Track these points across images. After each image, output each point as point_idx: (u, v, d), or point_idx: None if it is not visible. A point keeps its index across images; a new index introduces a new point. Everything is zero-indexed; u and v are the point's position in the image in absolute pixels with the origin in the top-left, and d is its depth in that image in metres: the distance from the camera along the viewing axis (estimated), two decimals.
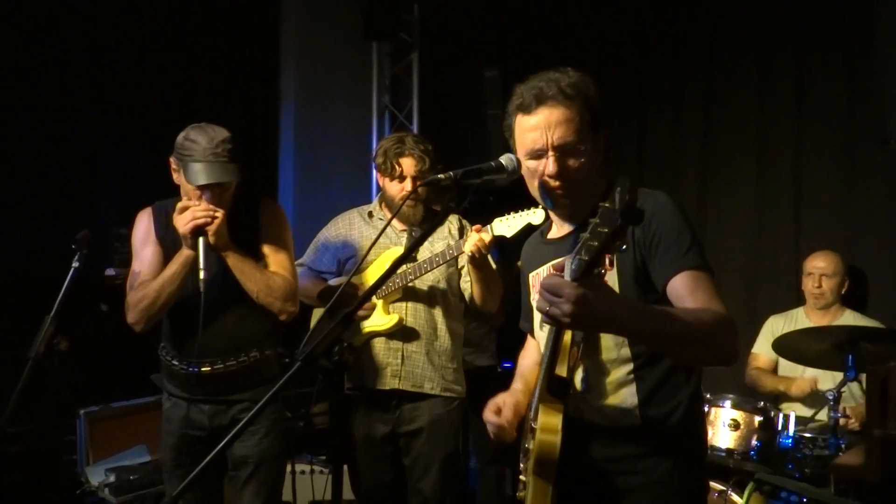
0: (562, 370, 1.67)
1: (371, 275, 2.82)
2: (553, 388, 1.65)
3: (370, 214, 2.95)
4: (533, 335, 2.02)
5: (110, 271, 3.29)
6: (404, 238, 2.87)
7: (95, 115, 3.81)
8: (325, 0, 4.96)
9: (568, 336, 1.65)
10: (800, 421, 3.07)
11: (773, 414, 2.92)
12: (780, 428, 2.93)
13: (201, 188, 2.35)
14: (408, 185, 2.79)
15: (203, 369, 2.47)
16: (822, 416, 3.11)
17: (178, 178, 2.43)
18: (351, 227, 2.96)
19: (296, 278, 2.58)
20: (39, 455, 2.82)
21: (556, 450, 1.59)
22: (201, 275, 2.28)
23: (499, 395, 1.86)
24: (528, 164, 1.71)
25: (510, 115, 1.75)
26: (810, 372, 3.42)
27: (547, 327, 1.70)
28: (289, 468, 3.38)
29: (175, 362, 2.51)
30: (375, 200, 3.00)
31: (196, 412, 2.51)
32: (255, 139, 4.54)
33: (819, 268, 3.57)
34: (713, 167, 4.32)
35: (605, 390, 1.69)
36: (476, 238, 2.56)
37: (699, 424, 1.80)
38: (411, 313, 2.80)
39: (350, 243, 2.92)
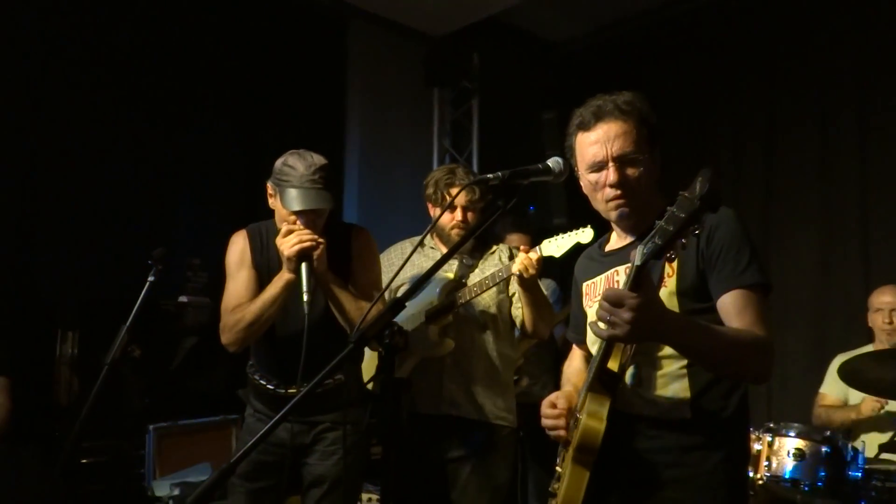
0: (614, 365, 1.72)
1: (423, 302, 2.89)
2: (603, 379, 1.70)
3: (422, 244, 3.04)
4: (580, 346, 2.07)
5: (183, 299, 3.48)
6: (455, 265, 2.95)
7: (174, 151, 4.08)
8: (389, 49, 5.21)
9: None
10: (869, 461, 2.95)
11: (840, 444, 2.81)
12: (848, 459, 2.81)
13: (296, 214, 2.40)
14: (458, 214, 2.88)
15: (291, 391, 2.49)
16: None
17: (273, 202, 2.50)
18: (403, 255, 3.04)
19: (384, 305, 2.61)
20: (110, 467, 2.97)
21: (599, 436, 1.65)
22: (305, 297, 2.31)
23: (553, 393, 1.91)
24: (589, 178, 1.82)
25: (571, 136, 1.87)
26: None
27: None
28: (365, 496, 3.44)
29: (263, 382, 2.55)
30: (426, 231, 3.09)
31: (280, 430, 2.47)
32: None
33: (887, 302, 3.47)
34: (776, 198, 4.27)
35: (658, 383, 1.75)
36: (524, 258, 2.61)
37: (746, 424, 1.83)
38: (462, 338, 2.83)
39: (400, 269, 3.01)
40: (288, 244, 2.35)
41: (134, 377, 2.30)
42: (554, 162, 1.80)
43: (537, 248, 2.65)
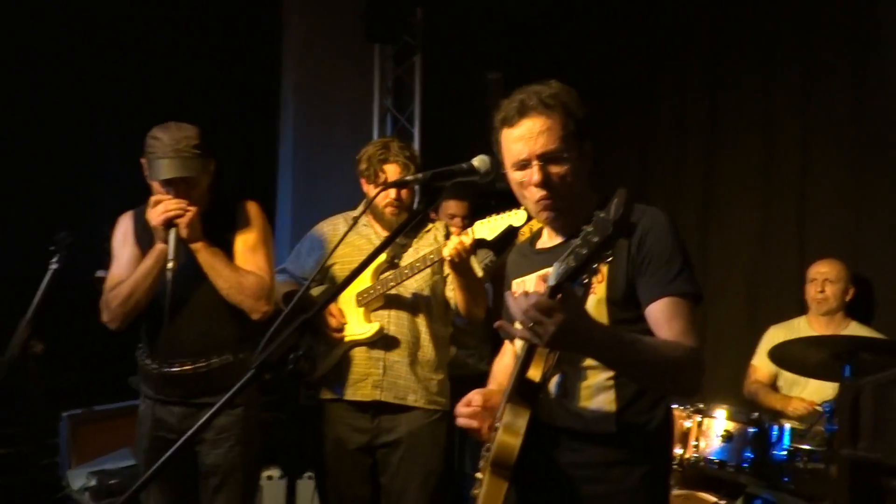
0: (535, 374, 1.68)
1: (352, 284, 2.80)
2: (523, 391, 1.66)
3: (355, 220, 2.95)
4: (511, 342, 2.02)
5: (101, 273, 3.32)
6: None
7: (91, 118, 3.86)
8: (327, 2, 4.97)
9: None
10: (797, 432, 3.02)
11: (767, 426, 2.87)
12: (773, 440, 2.88)
13: (165, 184, 2.41)
14: (392, 192, 2.78)
15: (173, 369, 2.49)
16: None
17: (148, 177, 2.48)
18: (335, 232, 2.95)
19: (271, 277, 2.60)
20: (18, 458, 2.85)
21: (514, 452, 1.61)
22: (169, 264, 2.34)
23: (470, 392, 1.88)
24: (514, 176, 1.76)
25: (496, 131, 1.78)
26: (812, 384, 3.36)
27: None
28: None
29: (148, 361, 2.54)
30: (360, 206, 2.99)
31: (166, 414, 2.53)
32: (254, 143, 4.57)
33: (822, 273, 3.52)
34: (717, 175, 4.27)
35: (582, 395, 1.72)
36: (456, 241, 2.54)
37: (670, 436, 1.82)
38: (394, 322, 2.78)
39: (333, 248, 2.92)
40: (155, 213, 2.39)
41: (38, 374, 2.19)
42: (480, 161, 1.72)
43: (469, 230, 2.57)
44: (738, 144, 4.19)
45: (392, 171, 2.77)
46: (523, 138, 1.70)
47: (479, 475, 1.78)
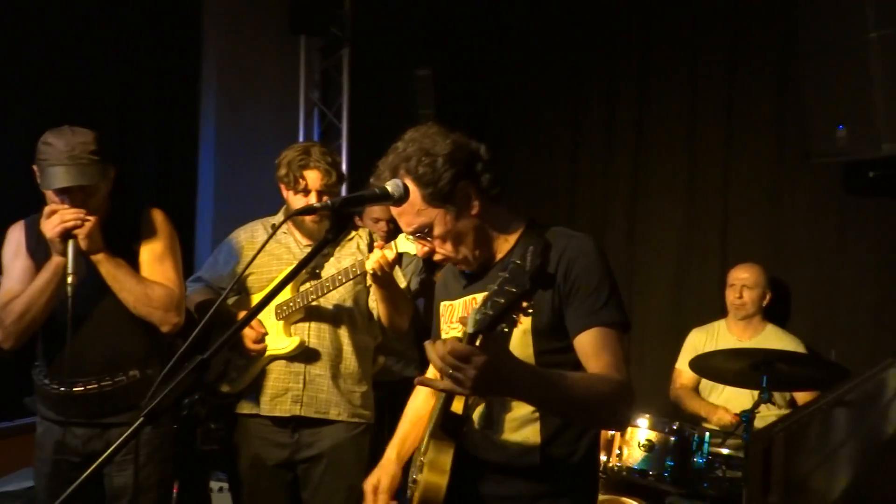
0: (458, 406, 1.65)
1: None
2: (447, 425, 1.63)
3: (275, 229, 2.84)
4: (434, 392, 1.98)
5: None
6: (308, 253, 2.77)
7: None
8: None
9: None
10: (715, 435, 3.09)
11: (687, 435, 2.92)
12: (694, 448, 2.93)
13: (60, 193, 2.26)
14: (312, 199, 2.69)
15: (76, 389, 2.35)
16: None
17: (41, 186, 2.32)
18: (253, 239, 2.84)
19: (180, 288, 2.49)
20: None
21: (441, 492, 1.59)
22: (69, 279, 2.19)
23: (373, 472, 1.87)
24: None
25: None
26: (730, 389, 3.43)
27: None
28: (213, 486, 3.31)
29: (47, 381, 2.39)
30: (280, 213, 2.89)
31: (69, 437, 2.39)
32: (173, 138, 4.36)
33: (741, 279, 3.60)
34: (643, 180, 4.34)
35: (507, 427, 1.70)
36: (378, 255, 2.46)
37: (595, 468, 1.82)
38: (315, 334, 2.70)
39: (251, 257, 2.81)
40: (50, 225, 2.23)
41: None
42: (393, 185, 1.67)
43: (393, 244, 2.50)
44: (663, 150, 4.26)
45: (313, 178, 2.68)
46: (395, 213, 1.72)
47: None
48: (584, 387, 1.54)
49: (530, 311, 1.35)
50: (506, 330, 1.38)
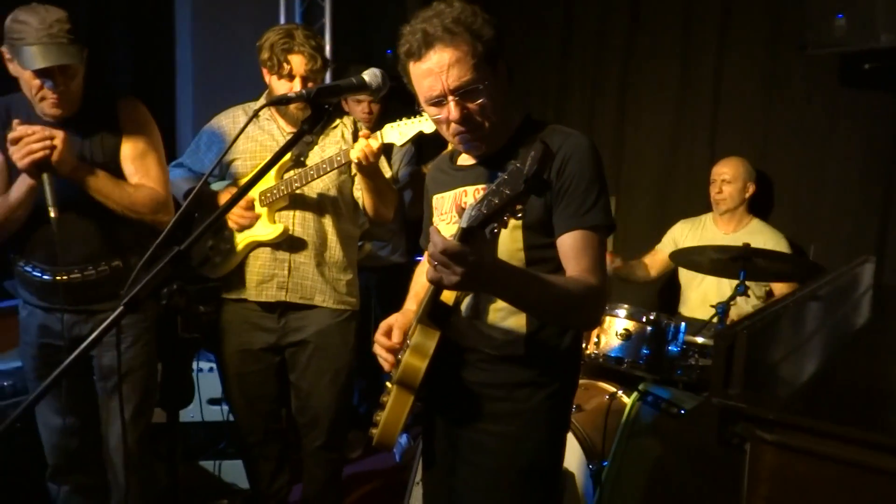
0: (449, 297, 1.70)
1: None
2: (435, 313, 1.68)
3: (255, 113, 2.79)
4: None
5: None
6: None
7: None
8: None
9: None
10: (692, 323, 3.20)
11: (664, 325, 3.01)
12: (670, 338, 3.03)
13: (40, 74, 2.18)
14: (297, 85, 2.63)
15: (59, 278, 2.36)
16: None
17: (13, 68, 2.24)
18: (235, 124, 2.80)
19: (166, 186, 2.47)
20: None
21: (419, 374, 1.65)
22: (52, 213, 2.11)
23: (392, 315, 1.90)
24: (430, 112, 1.72)
25: (402, 63, 1.71)
26: (708, 279, 3.52)
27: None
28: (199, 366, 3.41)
29: (28, 269, 2.40)
30: (262, 98, 2.83)
31: (52, 321, 2.42)
32: (147, 21, 4.17)
33: (721, 173, 3.62)
34: (635, 68, 4.24)
35: (494, 317, 1.75)
36: (363, 144, 2.45)
37: (578, 359, 1.88)
38: (299, 222, 2.71)
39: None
40: (18, 156, 2.12)
41: None
42: (371, 75, 1.65)
43: (378, 133, 2.49)
44: (656, 38, 4.15)
45: (297, 63, 2.62)
46: (433, 73, 1.63)
47: (388, 384, 1.81)
48: (559, 289, 1.59)
49: (520, 215, 1.37)
50: (495, 231, 1.39)
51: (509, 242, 1.70)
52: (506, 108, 1.74)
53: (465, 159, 1.86)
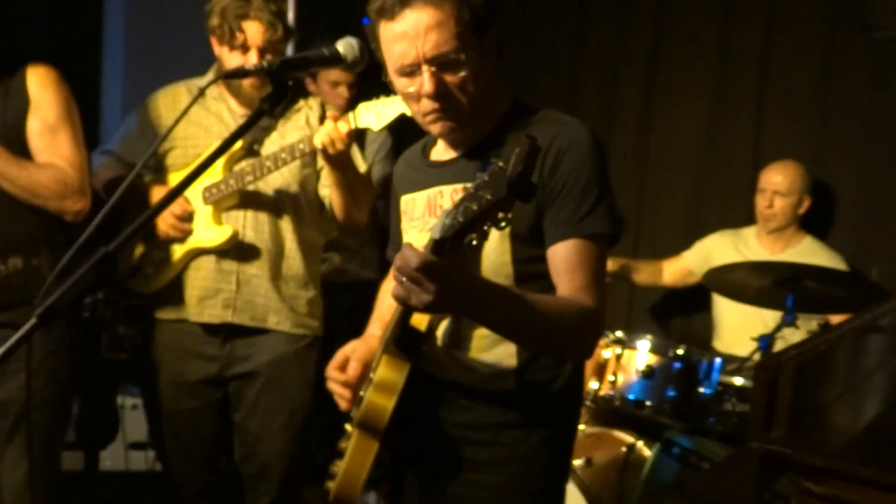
0: (421, 321, 1.70)
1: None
2: (404, 340, 1.68)
3: (201, 91, 2.80)
4: None
5: None
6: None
7: None
8: None
9: None
10: (728, 359, 3.21)
11: (694, 361, 3.03)
12: (701, 376, 3.04)
13: None
14: (252, 57, 2.65)
15: None
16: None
17: None
18: (176, 105, 2.81)
19: (79, 167, 2.47)
20: None
21: (385, 416, 1.66)
22: None
23: (350, 342, 1.89)
24: (399, 84, 1.71)
25: (372, 24, 1.71)
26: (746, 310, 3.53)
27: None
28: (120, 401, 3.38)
29: None
30: (209, 73, 2.85)
31: None
32: None
33: (773, 183, 3.63)
34: (664, 50, 4.28)
35: (478, 345, 1.74)
36: (330, 128, 2.45)
37: (579, 396, 1.89)
38: (251, 226, 2.72)
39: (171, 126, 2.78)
40: None
41: None
42: (346, 45, 1.67)
43: (350, 115, 2.49)
44: (690, 13, 4.19)
45: (253, 31, 2.64)
46: (407, 37, 1.63)
47: (347, 427, 1.82)
48: (550, 313, 1.58)
49: (503, 224, 1.37)
50: (475, 243, 1.40)
51: (495, 254, 1.69)
52: (494, 88, 1.74)
53: (441, 153, 1.86)
